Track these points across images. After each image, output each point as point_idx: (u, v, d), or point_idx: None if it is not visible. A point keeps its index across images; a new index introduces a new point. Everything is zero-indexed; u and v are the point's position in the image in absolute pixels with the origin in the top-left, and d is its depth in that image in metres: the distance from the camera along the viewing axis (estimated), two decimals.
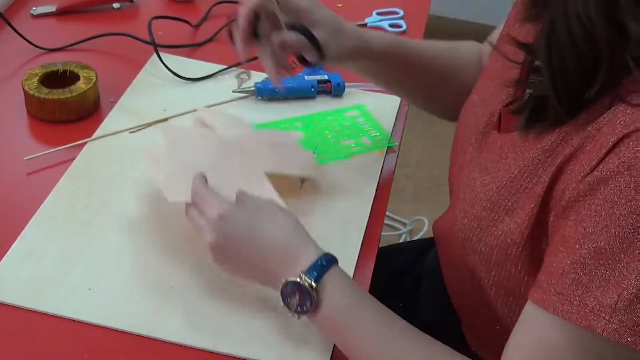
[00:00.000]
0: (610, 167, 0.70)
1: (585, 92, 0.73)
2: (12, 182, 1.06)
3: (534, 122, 0.80)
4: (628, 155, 0.69)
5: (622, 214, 0.68)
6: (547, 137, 0.79)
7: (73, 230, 0.98)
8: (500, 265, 0.85)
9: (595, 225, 0.70)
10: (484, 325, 0.93)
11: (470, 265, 0.89)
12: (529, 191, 0.80)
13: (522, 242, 0.81)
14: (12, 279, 0.91)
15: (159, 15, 1.36)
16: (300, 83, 1.26)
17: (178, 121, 1.16)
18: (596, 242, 0.70)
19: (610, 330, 0.68)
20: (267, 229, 0.85)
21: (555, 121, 0.78)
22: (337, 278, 0.83)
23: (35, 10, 1.40)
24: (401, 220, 2.24)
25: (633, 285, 0.68)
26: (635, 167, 0.68)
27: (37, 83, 1.16)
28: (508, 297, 0.87)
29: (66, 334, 0.87)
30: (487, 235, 0.85)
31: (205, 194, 0.88)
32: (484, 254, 0.86)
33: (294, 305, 0.83)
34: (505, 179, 0.84)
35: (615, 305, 0.68)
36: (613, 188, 0.69)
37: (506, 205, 0.83)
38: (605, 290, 0.69)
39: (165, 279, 0.94)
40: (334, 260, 0.85)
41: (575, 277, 0.71)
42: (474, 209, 0.87)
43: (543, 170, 0.79)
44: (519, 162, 0.82)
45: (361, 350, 0.81)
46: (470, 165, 0.92)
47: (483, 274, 0.88)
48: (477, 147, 0.92)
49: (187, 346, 0.87)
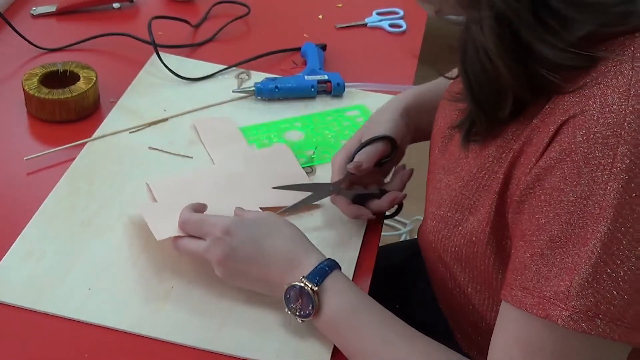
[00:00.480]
0: (553, 155, 0.71)
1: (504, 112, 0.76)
2: (12, 182, 1.06)
3: (471, 138, 0.83)
4: (567, 141, 0.70)
5: (570, 200, 0.69)
6: (502, 134, 0.80)
7: (73, 230, 0.98)
8: (471, 263, 0.86)
9: (547, 215, 0.71)
10: (469, 325, 0.93)
11: (445, 265, 0.90)
12: (488, 188, 0.81)
13: (485, 239, 0.82)
14: (12, 279, 0.91)
15: (159, 15, 1.36)
16: (300, 83, 1.26)
17: (164, 177, 1.08)
18: (550, 232, 0.70)
19: (564, 318, 0.68)
20: (270, 239, 0.88)
21: (486, 137, 0.81)
22: (338, 282, 0.85)
23: (35, 10, 1.40)
24: (401, 220, 2.24)
25: (583, 270, 0.67)
26: (575, 152, 0.69)
27: (37, 83, 1.16)
28: (485, 293, 0.88)
29: (66, 334, 0.87)
30: (454, 235, 0.86)
31: (199, 218, 0.91)
32: (454, 253, 0.87)
33: (297, 309, 0.85)
34: (466, 178, 0.85)
35: (567, 292, 0.68)
36: (558, 176, 0.70)
37: (468, 204, 0.84)
38: (560, 278, 0.69)
39: (165, 279, 0.94)
40: (336, 265, 0.87)
41: (536, 270, 0.71)
42: (440, 210, 0.88)
43: (498, 167, 0.80)
44: (478, 160, 0.83)
45: (360, 353, 0.83)
46: (436, 166, 0.93)
47: (458, 273, 0.89)
48: (443, 149, 0.93)
49: (187, 346, 0.87)
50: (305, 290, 0.83)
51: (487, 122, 0.80)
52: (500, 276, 0.83)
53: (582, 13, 0.70)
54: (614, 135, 0.67)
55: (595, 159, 0.68)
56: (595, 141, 0.68)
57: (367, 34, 1.46)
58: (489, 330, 0.81)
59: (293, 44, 1.37)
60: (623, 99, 0.68)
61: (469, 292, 0.90)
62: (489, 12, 0.71)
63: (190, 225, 0.91)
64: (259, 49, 1.34)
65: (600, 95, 0.69)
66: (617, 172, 0.67)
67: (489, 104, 0.78)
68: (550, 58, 0.71)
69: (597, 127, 0.68)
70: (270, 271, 0.87)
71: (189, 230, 0.91)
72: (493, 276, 0.84)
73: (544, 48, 0.71)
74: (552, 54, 0.71)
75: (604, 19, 0.70)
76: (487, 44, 0.72)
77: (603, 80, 0.70)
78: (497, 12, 0.70)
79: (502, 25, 0.71)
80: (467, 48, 0.76)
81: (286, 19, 1.48)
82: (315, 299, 0.83)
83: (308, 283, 0.84)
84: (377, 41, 1.44)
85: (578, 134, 0.69)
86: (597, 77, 0.70)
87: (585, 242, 0.68)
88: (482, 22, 0.72)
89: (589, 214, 0.68)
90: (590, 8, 0.70)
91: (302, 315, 0.85)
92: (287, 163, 1.12)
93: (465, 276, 0.89)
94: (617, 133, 0.67)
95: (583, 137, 0.69)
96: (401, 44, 1.44)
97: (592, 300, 0.67)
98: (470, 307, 0.91)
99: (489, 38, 0.72)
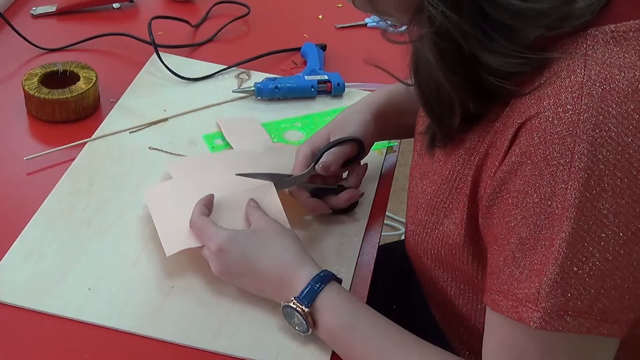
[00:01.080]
0: (514, 158, 0.71)
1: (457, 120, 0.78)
2: (12, 182, 1.06)
3: (435, 143, 0.84)
4: (526, 143, 0.70)
5: (534, 201, 0.69)
6: (469, 136, 0.80)
7: (73, 230, 0.98)
8: (452, 265, 0.86)
9: (514, 218, 0.71)
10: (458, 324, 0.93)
11: (428, 267, 0.91)
12: (459, 191, 0.82)
13: (461, 242, 0.82)
14: (12, 279, 0.91)
15: (159, 15, 1.36)
16: (300, 83, 1.26)
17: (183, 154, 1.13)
18: (519, 234, 0.71)
19: (536, 320, 0.69)
20: (261, 256, 0.89)
21: (447, 143, 0.82)
22: (330, 299, 0.86)
23: (35, 10, 1.40)
24: (401, 220, 2.24)
25: (551, 270, 0.68)
26: (535, 154, 0.69)
27: (37, 83, 1.16)
28: (468, 293, 0.88)
29: (66, 334, 0.87)
30: (432, 238, 0.87)
31: (203, 226, 0.92)
32: (434, 255, 0.88)
33: (296, 324, 0.87)
34: (439, 181, 0.85)
35: (537, 294, 0.69)
36: (521, 178, 0.70)
37: (443, 207, 0.84)
38: (530, 280, 0.70)
39: (165, 279, 0.94)
40: (329, 278, 0.87)
41: (509, 272, 0.72)
42: (418, 213, 0.89)
43: (468, 169, 0.80)
44: (449, 164, 0.84)
45: None
46: (414, 171, 0.94)
47: (440, 275, 0.90)
48: (420, 152, 0.93)
49: (186, 346, 0.87)
50: (298, 311, 0.85)
51: (441, 130, 0.81)
52: (480, 275, 0.84)
53: (523, 20, 0.70)
54: (570, 135, 0.67)
55: (554, 160, 0.68)
56: (553, 142, 0.68)
57: (367, 34, 1.47)
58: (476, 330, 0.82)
59: (293, 44, 1.37)
60: (576, 97, 0.68)
61: (452, 292, 0.90)
62: (430, 28, 0.71)
63: (195, 231, 0.93)
64: (259, 49, 1.34)
65: (554, 95, 0.69)
66: (576, 171, 0.67)
67: (439, 113, 0.79)
68: (497, 66, 0.71)
69: (553, 128, 0.68)
70: (264, 287, 0.90)
71: (195, 234, 0.93)
72: (474, 275, 0.85)
73: (491, 57, 0.71)
74: (499, 62, 0.71)
75: (545, 23, 0.70)
76: (428, 57, 0.73)
77: (556, 80, 0.70)
78: (438, 27, 0.70)
79: (444, 40, 0.71)
80: (417, 62, 0.77)
81: (286, 19, 1.48)
82: (309, 319, 0.85)
83: (299, 305, 0.85)
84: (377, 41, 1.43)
85: (535, 136, 0.69)
86: (551, 77, 0.70)
87: (552, 242, 0.68)
88: (423, 38, 0.73)
89: (553, 214, 0.68)
90: (530, 14, 0.70)
91: (301, 331, 0.87)
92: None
93: (447, 277, 0.89)
94: (573, 132, 0.67)
95: (540, 138, 0.69)
96: None
97: (561, 300, 0.68)
98: (456, 307, 0.91)
99: (430, 53, 0.73)
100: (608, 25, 0.71)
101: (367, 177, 1.10)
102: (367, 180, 1.11)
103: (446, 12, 0.69)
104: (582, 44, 0.71)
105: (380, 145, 1.17)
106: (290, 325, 0.87)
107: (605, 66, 0.69)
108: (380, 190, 1.11)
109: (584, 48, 0.70)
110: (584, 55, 0.70)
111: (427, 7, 0.70)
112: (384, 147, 1.18)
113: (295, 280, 0.87)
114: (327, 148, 1.01)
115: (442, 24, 0.70)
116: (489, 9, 0.69)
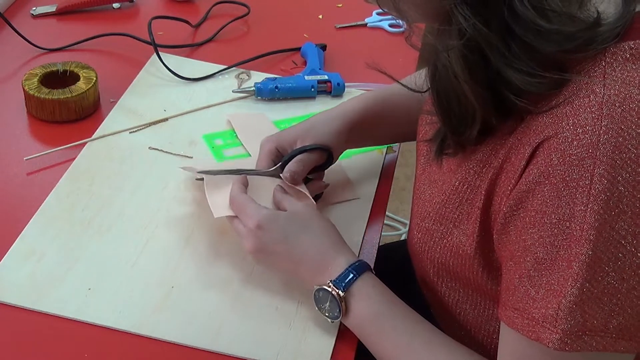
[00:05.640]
0: (531, 178, 0.71)
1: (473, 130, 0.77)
2: (12, 182, 1.06)
3: (443, 151, 0.83)
4: (544, 164, 0.70)
5: (552, 222, 0.69)
6: (481, 148, 0.80)
7: (73, 230, 0.98)
8: (459, 275, 0.86)
9: (532, 237, 0.71)
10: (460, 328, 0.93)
11: (432, 275, 0.91)
12: (471, 202, 0.81)
13: (472, 253, 0.82)
14: (12, 279, 0.91)
15: (159, 15, 1.37)
16: (300, 83, 1.26)
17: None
18: (535, 254, 0.71)
19: (555, 341, 0.69)
20: (301, 238, 0.90)
21: (457, 152, 0.81)
22: (365, 287, 0.86)
23: (35, 10, 1.40)
24: (401, 220, 2.24)
25: (569, 292, 0.68)
26: (553, 175, 0.69)
27: (37, 83, 1.16)
28: (475, 298, 0.88)
29: (66, 334, 0.87)
30: (440, 247, 0.87)
31: (242, 203, 0.93)
32: (441, 264, 0.88)
33: (326, 310, 0.87)
34: (448, 191, 0.85)
35: (556, 315, 0.69)
36: (539, 198, 0.70)
37: (452, 217, 0.84)
38: (547, 300, 0.70)
39: (165, 279, 0.94)
40: (365, 267, 0.88)
41: (525, 291, 0.72)
42: (425, 222, 0.88)
43: (480, 182, 0.80)
44: (459, 174, 0.83)
45: (385, 357, 0.85)
46: (421, 178, 0.93)
47: (445, 282, 0.90)
48: (427, 159, 0.93)
49: (186, 346, 0.87)
50: (333, 295, 0.85)
51: (455, 139, 0.80)
52: (490, 284, 0.83)
53: (547, 41, 0.69)
54: (589, 157, 0.67)
55: (573, 181, 0.68)
56: (572, 163, 0.68)
57: (367, 34, 1.47)
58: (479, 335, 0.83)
59: (293, 44, 1.37)
60: (596, 118, 0.67)
61: (458, 298, 0.90)
62: (459, 40, 0.70)
63: (234, 207, 0.94)
64: (259, 49, 1.34)
65: (574, 116, 0.69)
66: (596, 194, 0.67)
67: (457, 123, 0.78)
68: (518, 83, 0.70)
69: (572, 149, 0.68)
70: (299, 269, 0.90)
71: (234, 210, 0.94)
72: (483, 284, 0.84)
73: (512, 73, 0.70)
74: (519, 80, 0.70)
75: (568, 46, 0.69)
76: (455, 68, 0.72)
77: (575, 99, 0.69)
78: (468, 40, 0.70)
79: (473, 52, 0.71)
80: (437, 68, 0.76)
81: (286, 19, 1.48)
82: (342, 304, 0.85)
83: (335, 288, 0.85)
84: (377, 41, 1.44)
85: (554, 157, 0.69)
86: (569, 96, 0.70)
87: (570, 263, 0.68)
88: (452, 50, 0.72)
89: (572, 236, 0.68)
90: (554, 37, 0.69)
91: (330, 317, 0.87)
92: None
93: (453, 284, 0.89)
94: (592, 154, 0.67)
95: (559, 159, 0.69)
96: (401, 44, 1.43)
97: (579, 321, 0.69)
98: (460, 312, 0.91)
99: (457, 64, 0.72)
100: (627, 42, 0.70)
101: (367, 177, 1.10)
102: (367, 180, 1.11)
103: (477, 25, 0.69)
104: (601, 62, 0.70)
105: (380, 146, 1.17)
106: (319, 311, 0.88)
107: (625, 85, 0.68)
108: (380, 190, 1.11)
109: (602, 66, 0.70)
110: (603, 73, 0.69)
111: (459, 18, 0.69)
112: (384, 147, 1.18)
113: (332, 265, 0.87)
114: (295, 153, 1.00)
115: (472, 37, 0.70)
116: (514, 27, 0.69)
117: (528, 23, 0.68)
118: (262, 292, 0.93)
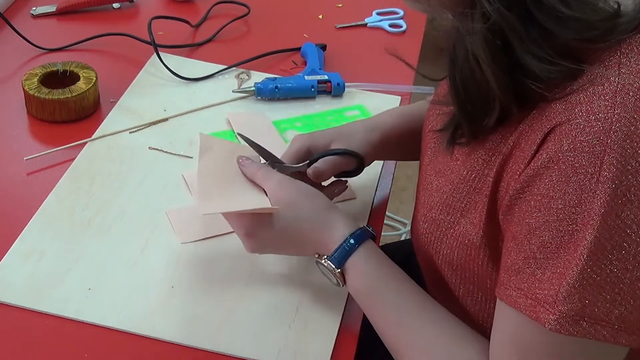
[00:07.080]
0: (540, 162, 0.71)
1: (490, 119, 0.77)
2: (12, 182, 1.06)
3: (455, 141, 0.83)
4: (554, 149, 0.70)
5: (559, 207, 0.70)
6: (490, 136, 0.80)
7: (73, 230, 0.99)
8: (464, 266, 0.86)
9: (537, 220, 0.71)
10: None
11: (438, 267, 0.91)
12: (479, 191, 0.82)
13: (479, 242, 0.82)
14: (12, 279, 0.91)
15: (159, 15, 1.37)
16: (300, 83, 1.26)
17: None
18: (541, 237, 0.71)
19: (551, 322, 0.69)
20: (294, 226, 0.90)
21: (470, 141, 0.81)
22: (358, 263, 0.87)
23: (35, 10, 1.40)
24: (401, 220, 2.24)
25: (571, 275, 0.68)
26: (563, 161, 0.69)
27: (37, 83, 1.16)
28: (477, 293, 0.88)
29: (66, 334, 0.87)
30: (447, 237, 0.87)
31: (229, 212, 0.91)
32: (447, 256, 0.88)
33: (328, 278, 0.90)
34: (456, 180, 0.85)
35: (555, 297, 0.69)
36: (546, 182, 0.71)
37: (460, 206, 0.84)
38: (551, 282, 0.70)
39: (165, 279, 0.94)
40: (362, 237, 0.88)
41: (530, 272, 0.72)
42: (431, 212, 0.89)
43: (489, 170, 0.80)
44: (467, 163, 0.83)
45: (379, 330, 0.87)
46: (428, 168, 0.94)
47: (450, 274, 0.90)
48: (435, 150, 0.93)
49: (186, 346, 0.87)
50: (329, 270, 0.87)
51: (470, 127, 0.80)
52: (495, 276, 0.83)
53: (567, 28, 0.70)
54: (600, 144, 0.67)
55: (582, 168, 0.68)
56: (582, 150, 0.68)
57: (367, 34, 1.47)
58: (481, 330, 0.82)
59: (293, 44, 1.37)
60: (609, 106, 0.68)
61: (460, 293, 0.90)
62: (483, 23, 0.71)
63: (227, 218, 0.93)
64: (259, 49, 1.34)
65: (587, 103, 0.69)
66: (604, 181, 0.67)
67: (475, 110, 0.78)
68: (535, 70, 0.71)
69: (583, 136, 0.68)
70: (303, 251, 0.92)
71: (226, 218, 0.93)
72: (487, 277, 0.84)
73: (530, 59, 0.71)
74: (537, 66, 0.71)
75: (587, 35, 0.70)
76: (478, 52, 0.73)
77: (589, 87, 0.70)
78: (492, 24, 0.70)
79: (495, 36, 0.71)
80: (457, 53, 0.76)
81: (286, 19, 1.48)
82: (339, 277, 0.87)
83: (330, 263, 0.87)
84: (377, 41, 1.44)
85: (565, 143, 0.69)
86: (584, 84, 0.70)
87: (575, 248, 0.69)
88: (475, 33, 0.72)
89: (577, 222, 0.69)
90: (574, 25, 0.70)
91: (334, 284, 0.89)
92: None
93: (457, 278, 0.89)
94: (603, 142, 0.67)
95: (570, 145, 0.69)
96: (401, 44, 1.44)
97: (578, 305, 0.69)
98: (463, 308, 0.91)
99: (480, 48, 0.72)
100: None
101: (367, 177, 1.10)
102: (367, 180, 1.11)
103: (501, 9, 0.69)
104: (616, 52, 0.71)
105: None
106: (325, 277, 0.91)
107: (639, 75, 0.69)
108: (380, 190, 1.11)
109: (617, 56, 0.70)
110: (618, 62, 0.70)
111: (483, 2, 0.70)
112: None
113: (330, 241, 0.88)
114: (327, 154, 1.00)
115: (496, 21, 0.70)
116: (535, 12, 0.69)
117: (549, 8, 0.69)
118: (261, 292, 0.93)
